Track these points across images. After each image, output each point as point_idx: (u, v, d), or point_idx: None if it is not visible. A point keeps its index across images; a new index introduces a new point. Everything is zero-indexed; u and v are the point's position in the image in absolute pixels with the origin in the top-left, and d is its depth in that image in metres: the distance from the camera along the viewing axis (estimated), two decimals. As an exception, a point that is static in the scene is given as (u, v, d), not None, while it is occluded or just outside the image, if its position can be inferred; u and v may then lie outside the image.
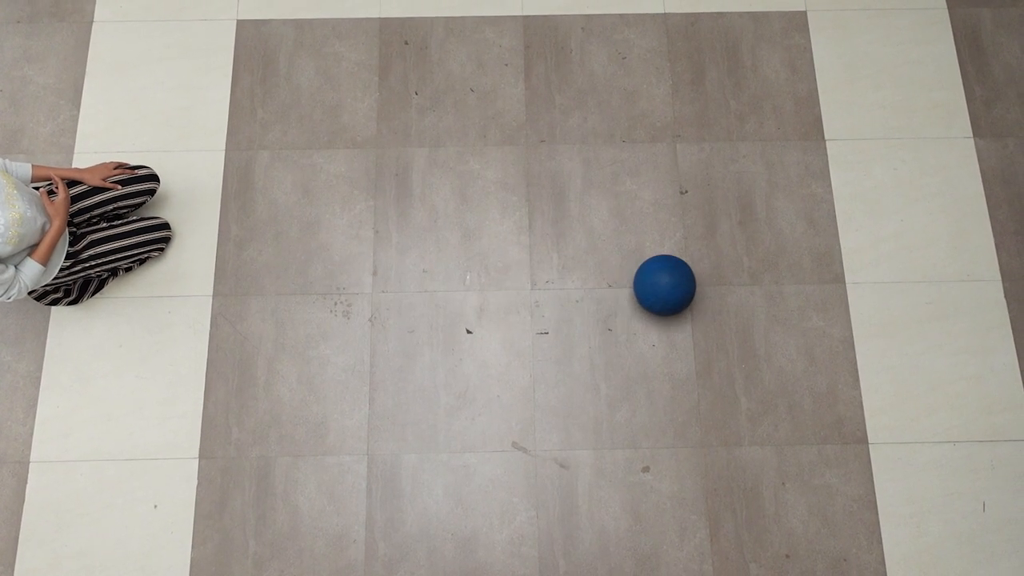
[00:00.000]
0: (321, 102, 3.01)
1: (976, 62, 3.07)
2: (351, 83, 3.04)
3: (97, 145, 2.95)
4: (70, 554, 2.56)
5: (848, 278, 2.82)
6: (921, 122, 2.99)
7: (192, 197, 2.90)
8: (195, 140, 2.96)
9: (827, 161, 2.94)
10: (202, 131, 2.98)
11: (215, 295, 2.80)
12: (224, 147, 2.96)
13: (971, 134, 2.97)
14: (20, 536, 2.57)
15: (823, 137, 2.97)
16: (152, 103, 3.01)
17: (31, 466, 2.63)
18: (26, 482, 2.61)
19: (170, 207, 2.89)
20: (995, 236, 2.86)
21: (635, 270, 2.81)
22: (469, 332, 2.77)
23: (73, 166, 2.93)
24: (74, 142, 2.96)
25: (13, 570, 2.54)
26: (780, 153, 2.95)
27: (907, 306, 2.79)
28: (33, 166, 2.45)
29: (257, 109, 3.01)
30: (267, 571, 2.54)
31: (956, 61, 3.06)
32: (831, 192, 2.91)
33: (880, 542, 2.58)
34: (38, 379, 2.71)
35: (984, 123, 2.99)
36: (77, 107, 3.00)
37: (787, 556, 2.56)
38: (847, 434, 2.67)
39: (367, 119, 3.00)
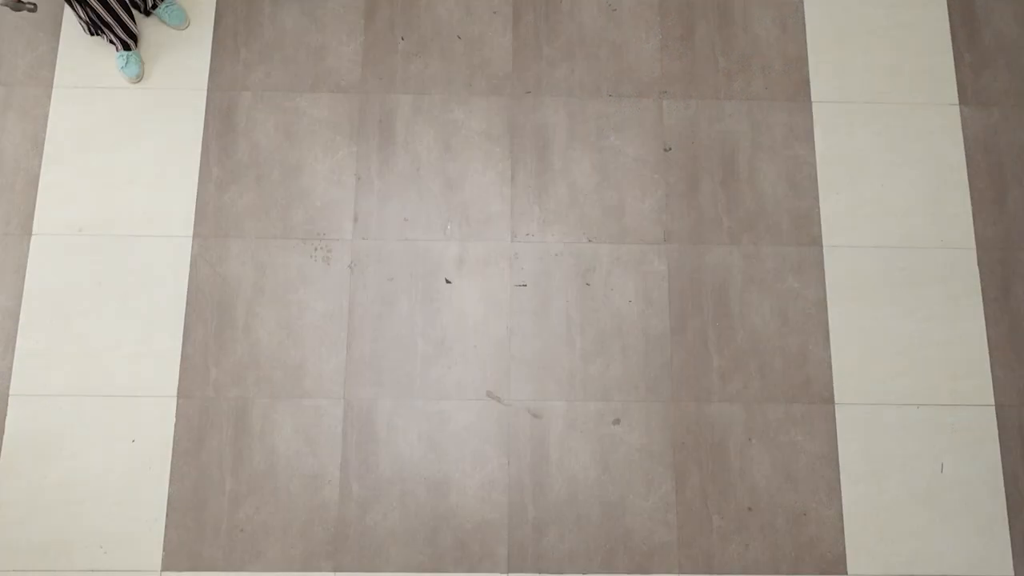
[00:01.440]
0: (305, 44, 2.97)
1: (968, 28, 3.05)
2: (336, 26, 2.99)
3: (76, 79, 2.91)
4: (50, 485, 2.61)
5: (825, 241, 2.84)
6: (908, 87, 2.98)
7: (172, 136, 2.87)
8: (177, 77, 2.92)
9: (812, 123, 2.94)
10: (183, 68, 2.93)
11: (195, 236, 2.80)
12: (206, 86, 2.92)
13: (957, 101, 2.97)
14: (0, 467, 2.62)
15: (809, 99, 2.96)
16: (133, 38, 2.96)
17: (10, 399, 2.66)
18: (5, 415, 2.65)
19: (150, 146, 2.86)
20: (973, 204, 2.89)
21: (616, 226, 2.82)
22: (448, 282, 2.79)
23: (52, 101, 2.89)
24: (53, 75, 2.91)
25: (-7, 499, 2.60)
26: (766, 113, 2.95)
27: (882, 271, 2.82)
28: None
29: (240, 48, 2.96)
30: (243, 508, 2.60)
31: (948, 26, 3.04)
32: (814, 154, 2.91)
33: (840, 498, 2.66)
34: (17, 314, 2.72)
35: (971, 91, 2.99)
36: (56, 39, 2.94)
37: (749, 509, 2.65)
38: (814, 394, 2.73)
39: (352, 63, 2.96)
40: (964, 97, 2.98)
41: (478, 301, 2.78)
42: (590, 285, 2.80)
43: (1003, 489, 2.67)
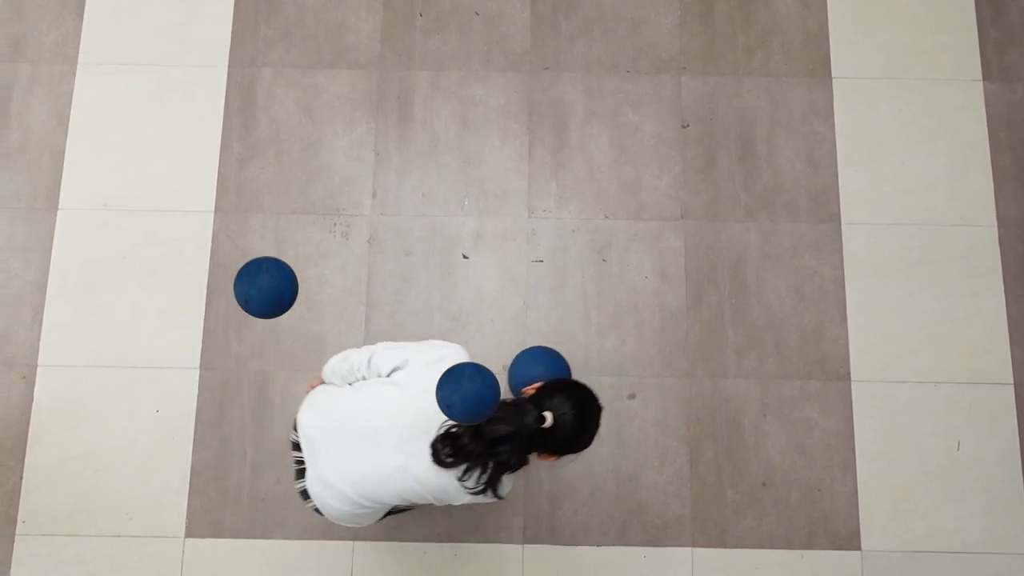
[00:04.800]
0: (325, 21, 2.99)
1: (994, 3, 3.00)
2: (355, 2, 3.00)
3: (101, 57, 2.95)
4: (76, 455, 2.68)
5: (844, 218, 2.83)
6: (931, 63, 2.95)
7: (194, 112, 2.91)
8: (198, 55, 2.96)
9: (832, 99, 2.92)
10: (205, 46, 2.97)
11: (216, 211, 2.84)
12: (227, 63, 2.95)
13: (980, 77, 2.94)
14: (29, 436, 2.69)
15: (830, 75, 2.94)
16: (156, 16, 2.99)
17: (39, 370, 2.73)
18: (34, 385, 2.72)
19: (172, 122, 2.90)
20: (995, 182, 2.86)
21: (633, 202, 2.83)
22: (465, 257, 2.82)
23: (77, 78, 2.94)
24: (78, 53, 2.95)
25: (23, 467, 2.67)
26: (785, 89, 2.93)
27: (900, 248, 2.81)
28: None
29: (260, 25, 2.99)
30: (264, 477, 2.66)
31: (972, 2, 3.00)
32: (833, 131, 2.89)
33: (854, 475, 2.67)
34: (44, 287, 2.78)
35: (995, 67, 2.95)
36: (80, 17, 2.99)
37: (763, 484, 2.66)
38: (830, 371, 2.73)
39: (371, 40, 2.98)
40: (988, 74, 2.94)
41: (495, 276, 2.80)
42: (606, 261, 2.81)
43: (1020, 468, 2.66)
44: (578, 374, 2.70)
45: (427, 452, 1.75)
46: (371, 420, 1.81)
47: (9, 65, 2.94)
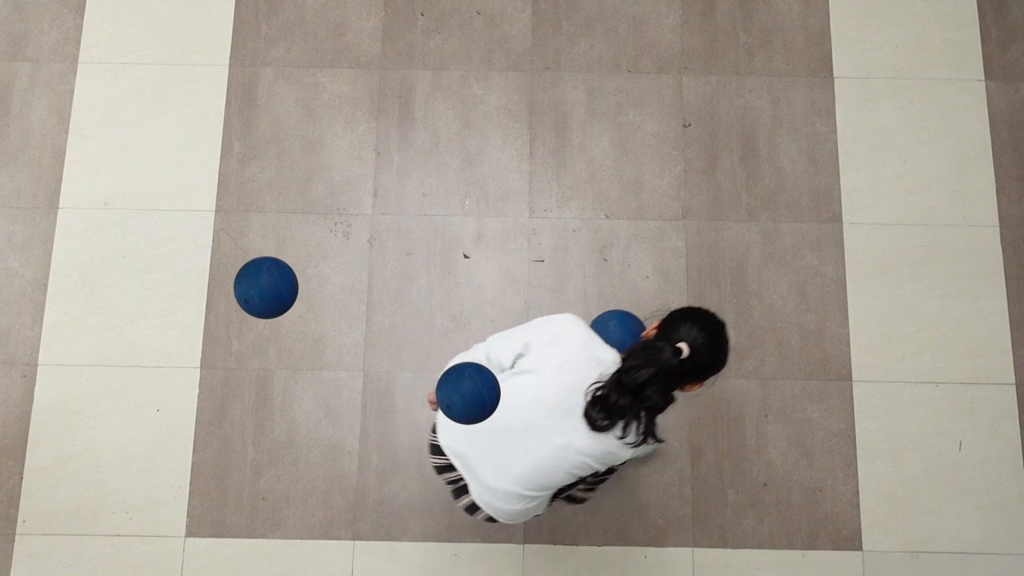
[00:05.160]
0: (325, 20, 2.99)
1: (995, 2, 2.99)
2: (356, 1, 3.00)
3: (101, 55, 2.95)
4: (77, 453, 2.67)
5: (845, 218, 2.83)
6: (933, 62, 2.94)
7: (195, 111, 2.91)
8: (199, 54, 2.95)
9: (834, 99, 2.91)
10: (206, 44, 2.96)
11: (217, 211, 2.84)
12: (228, 62, 2.95)
13: (983, 77, 2.93)
14: (29, 435, 2.69)
15: (831, 74, 2.93)
16: (156, 14, 2.99)
17: (39, 369, 2.72)
18: (35, 384, 2.71)
19: (173, 121, 2.90)
20: (997, 181, 2.85)
21: (634, 202, 2.83)
22: (466, 257, 2.81)
23: (77, 77, 2.94)
24: (78, 51, 2.95)
25: (23, 466, 2.67)
26: (787, 89, 2.92)
27: (902, 248, 2.80)
28: None
29: (261, 24, 2.98)
30: (264, 477, 2.65)
31: (974, 0, 2.99)
32: (835, 131, 2.89)
33: (856, 475, 2.66)
34: (45, 286, 2.78)
35: (997, 66, 2.94)
36: (81, 16, 2.98)
37: (764, 484, 2.66)
38: (832, 371, 2.72)
39: (372, 39, 2.97)
40: (990, 73, 2.94)
41: (496, 276, 2.79)
42: (607, 261, 2.80)
43: (1022, 468, 2.66)
44: (579, 374, 2.69)
45: (582, 423, 1.74)
46: (519, 415, 1.79)
47: (10, 64, 2.94)
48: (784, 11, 2.99)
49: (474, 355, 1.94)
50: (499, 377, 1.82)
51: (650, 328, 1.80)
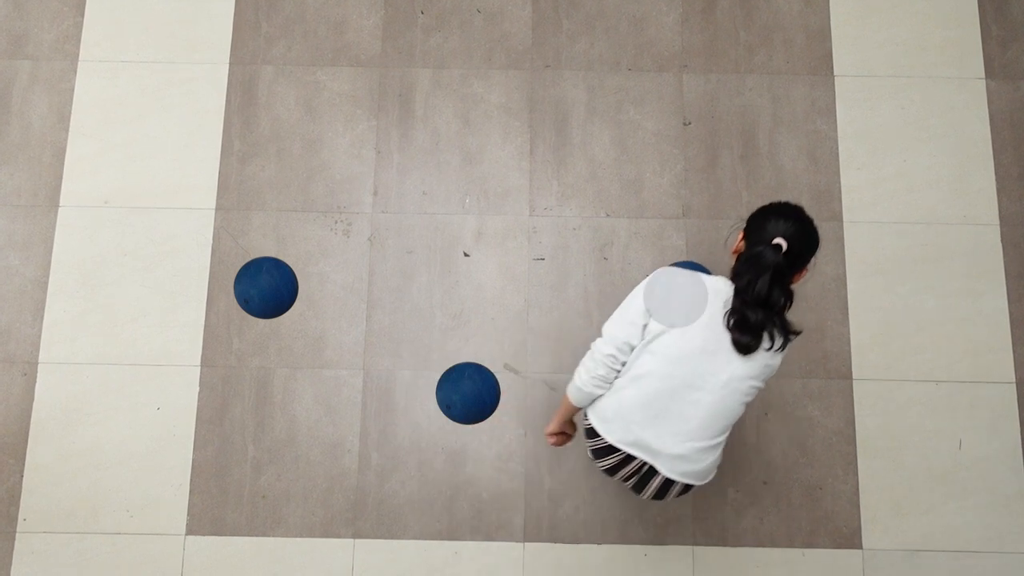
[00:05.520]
0: (326, 18, 2.98)
1: (996, 0, 2.99)
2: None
3: (101, 54, 2.95)
4: (77, 451, 2.68)
5: (846, 216, 2.82)
6: (933, 61, 2.94)
7: (195, 109, 2.91)
8: (199, 52, 2.95)
9: (834, 97, 2.91)
10: (206, 43, 2.96)
11: (218, 209, 2.84)
12: (228, 60, 2.95)
13: (983, 75, 2.93)
14: (30, 433, 2.69)
15: (832, 72, 2.93)
16: (157, 13, 2.99)
17: (39, 367, 2.73)
18: (35, 382, 2.72)
19: (173, 120, 2.90)
20: (997, 180, 2.85)
21: (634, 200, 2.83)
22: (466, 255, 2.81)
23: (78, 75, 2.93)
24: (79, 49, 2.95)
25: (24, 464, 2.67)
26: (787, 87, 2.92)
27: (903, 246, 2.80)
28: None
29: (261, 22, 2.98)
30: (265, 475, 2.65)
31: (975, -2, 2.99)
32: (835, 129, 2.89)
33: (856, 473, 2.66)
34: (45, 284, 2.78)
35: (998, 64, 2.94)
36: (81, 14, 2.98)
37: (764, 482, 2.66)
38: (832, 369, 2.72)
39: (372, 37, 2.97)
40: (991, 71, 2.93)
41: (496, 274, 2.79)
42: (608, 259, 2.80)
43: (1022, 466, 2.66)
44: (579, 372, 2.69)
45: (733, 353, 1.82)
46: (672, 375, 1.85)
47: (10, 62, 2.94)
48: (784, 9, 2.99)
49: (600, 351, 1.94)
50: (641, 354, 1.87)
51: (736, 241, 1.89)
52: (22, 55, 2.94)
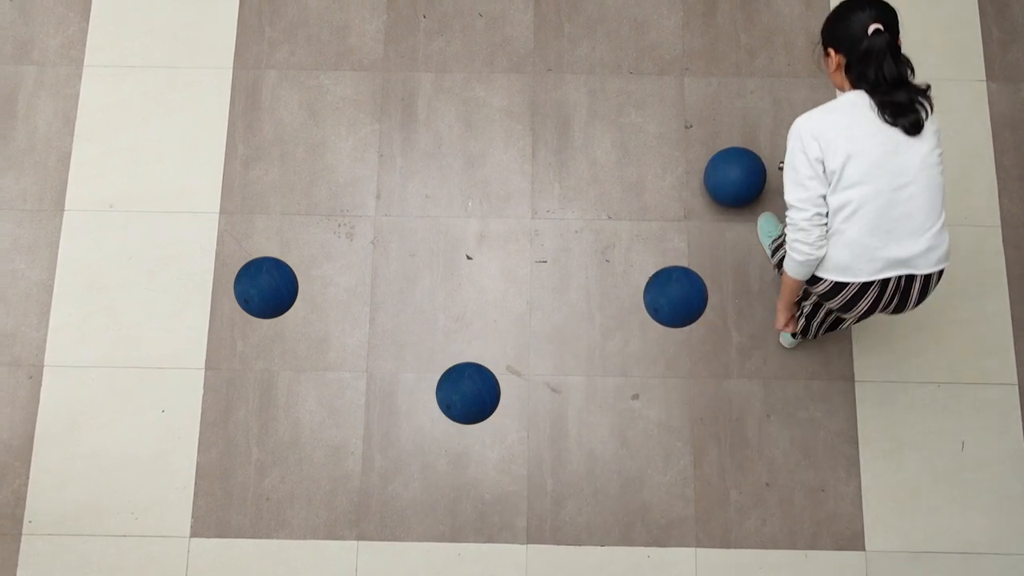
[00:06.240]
0: (329, 22, 3.00)
1: (996, 2, 3.00)
2: (359, 4, 3.02)
3: (106, 59, 2.97)
4: (82, 455, 2.69)
5: (847, 218, 2.83)
6: (934, 62, 2.95)
7: (199, 114, 2.93)
8: (203, 57, 2.97)
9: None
10: (210, 48, 2.98)
11: (222, 212, 2.85)
12: (232, 65, 2.97)
13: (984, 77, 2.93)
14: (36, 436, 2.71)
15: (833, 75, 2.93)
16: (161, 18, 3.01)
17: (45, 370, 2.74)
18: (41, 385, 2.73)
19: (177, 124, 2.92)
20: (999, 182, 2.85)
21: (636, 203, 2.84)
22: (469, 258, 2.82)
23: (83, 80, 2.95)
24: (83, 55, 2.97)
25: (30, 466, 2.68)
26: (788, 90, 2.93)
27: (904, 248, 2.80)
28: None
29: (265, 27, 3.00)
30: (269, 477, 2.67)
31: (975, 1, 2.99)
32: (837, 131, 2.89)
33: (858, 475, 2.66)
34: (51, 287, 2.80)
35: (999, 66, 2.95)
36: (87, 19, 3.01)
37: (767, 484, 2.66)
38: (834, 371, 2.73)
39: (374, 41, 2.99)
40: (992, 73, 2.94)
41: (498, 277, 2.80)
42: (610, 262, 2.81)
43: (1025, 468, 2.66)
44: (581, 374, 2.71)
45: (906, 138, 1.92)
46: (882, 189, 1.93)
47: (15, 67, 2.96)
48: (785, 12, 3.00)
49: (802, 218, 1.99)
50: (842, 192, 1.95)
51: (830, 62, 2.03)
52: (28, 60, 2.96)
